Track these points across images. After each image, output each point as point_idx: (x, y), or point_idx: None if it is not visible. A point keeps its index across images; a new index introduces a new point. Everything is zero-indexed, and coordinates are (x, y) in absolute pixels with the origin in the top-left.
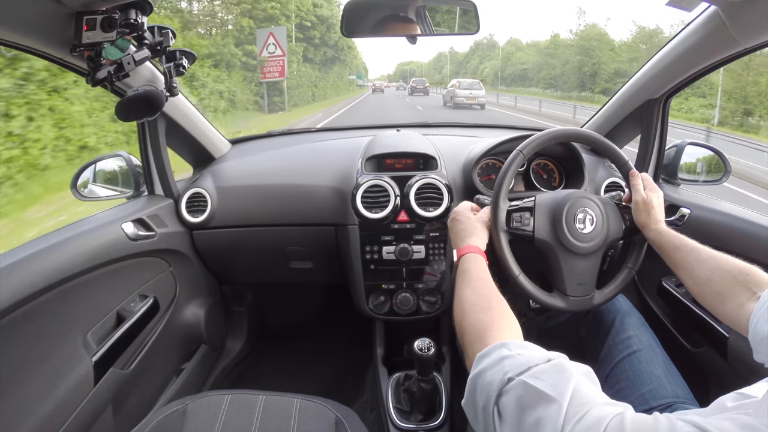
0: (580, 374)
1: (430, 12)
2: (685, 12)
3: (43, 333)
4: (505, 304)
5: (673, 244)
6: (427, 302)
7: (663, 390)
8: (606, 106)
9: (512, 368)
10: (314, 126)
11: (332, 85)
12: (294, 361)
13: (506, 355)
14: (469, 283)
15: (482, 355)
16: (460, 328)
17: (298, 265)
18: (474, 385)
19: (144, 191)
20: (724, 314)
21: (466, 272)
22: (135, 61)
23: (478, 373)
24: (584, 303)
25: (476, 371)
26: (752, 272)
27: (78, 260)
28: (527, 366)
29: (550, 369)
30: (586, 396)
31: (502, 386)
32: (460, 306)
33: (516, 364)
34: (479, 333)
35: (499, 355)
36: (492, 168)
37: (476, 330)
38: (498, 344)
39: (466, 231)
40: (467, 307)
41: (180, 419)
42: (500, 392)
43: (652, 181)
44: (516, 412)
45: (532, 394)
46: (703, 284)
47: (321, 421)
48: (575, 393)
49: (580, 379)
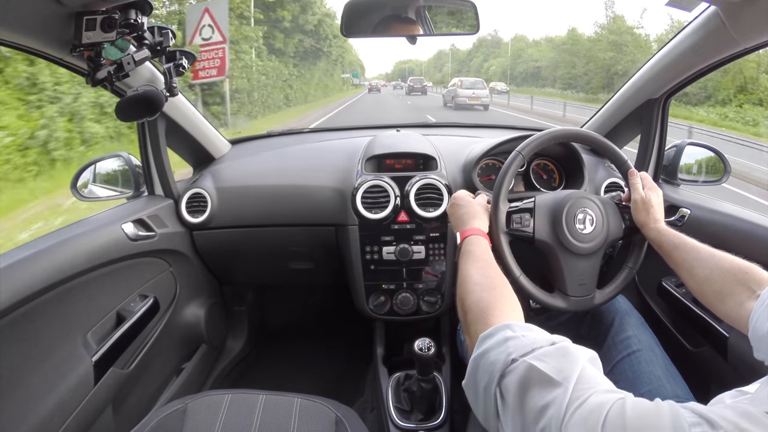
0: (584, 359)
1: (430, 12)
2: (685, 12)
3: (43, 333)
4: (508, 284)
5: (672, 243)
6: (427, 302)
7: (663, 390)
8: (606, 106)
9: (516, 349)
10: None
11: (317, 85)
12: (294, 361)
13: (510, 336)
14: (473, 262)
15: (486, 336)
16: (462, 306)
17: (298, 265)
18: (476, 365)
19: (144, 191)
20: (724, 313)
21: (469, 253)
22: (135, 61)
23: (481, 354)
24: (585, 303)
25: (479, 351)
26: (752, 270)
27: (78, 260)
28: (531, 348)
29: (555, 352)
30: (590, 381)
31: (505, 367)
32: (464, 285)
33: (520, 345)
34: (482, 312)
35: (503, 336)
36: (492, 168)
37: (479, 309)
38: (502, 325)
39: (468, 214)
40: (471, 285)
41: (180, 419)
42: (503, 373)
43: (652, 180)
44: (519, 394)
45: (537, 376)
46: (702, 283)
47: (321, 420)
48: (580, 378)
49: (585, 364)
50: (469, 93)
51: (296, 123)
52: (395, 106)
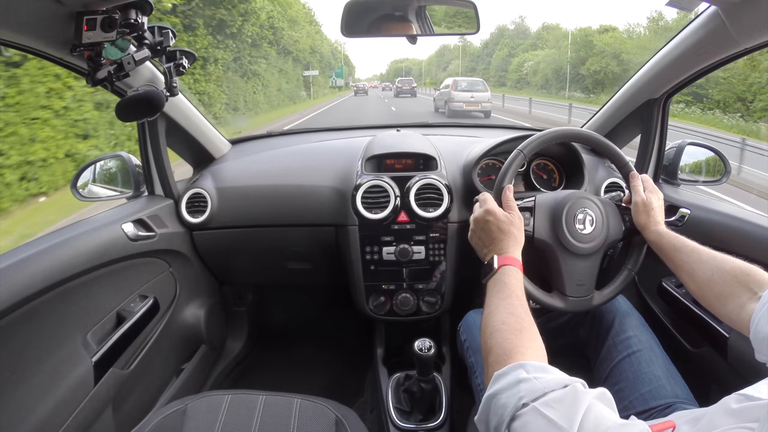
0: (592, 398)
1: (430, 12)
2: (685, 12)
3: (43, 333)
4: (535, 327)
5: (673, 246)
6: (428, 303)
7: (663, 390)
8: (606, 106)
9: (528, 393)
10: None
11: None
12: (294, 361)
13: (523, 378)
14: (505, 297)
15: (500, 375)
16: (486, 345)
17: (298, 265)
18: (488, 404)
19: (144, 191)
20: (725, 315)
21: (503, 285)
22: (135, 61)
23: (493, 393)
24: (583, 304)
25: (492, 391)
26: (753, 272)
27: (78, 260)
28: (543, 392)
29: (565, 396)
30: (596, 421)
31: (515, 411)
32: (491, 321)
33: (531, 389)
34: (505, 354)
35: (516, 378)
36: (492, 168)
37: (503, 351)
38: (516, 365)
39: (509, 238)
40: (498, 324)
41: (180, 419)
42: (513, 416)
43: (653, 183)
44: None
45: (544, 424)
46: (703, 285)
47: (321, 421)
48: (584, 421)
49: (592, 403)
50: (465, 97)
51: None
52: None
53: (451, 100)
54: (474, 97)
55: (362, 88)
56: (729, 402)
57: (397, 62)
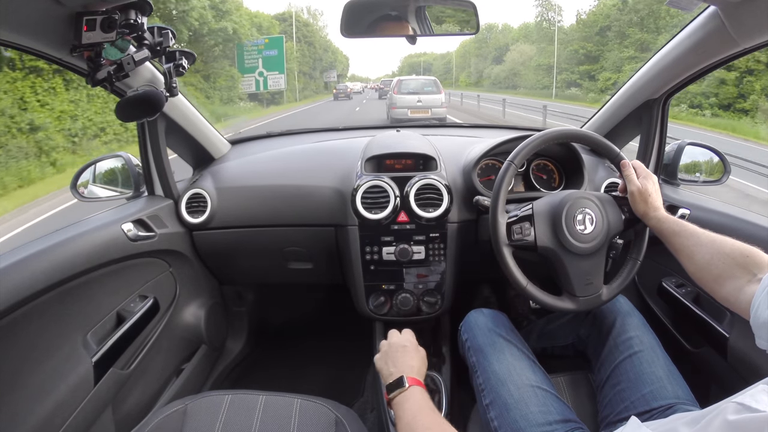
0: None
1: (430, 12)
2: (684, 12)
3: (43, 333)
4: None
5: (672, 230)
6: (427, 303)
7: (664, 391)
8: (606, 107)
9: None
10: None
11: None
12: (294, 362)
13: None
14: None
15: None
16: None
17: (297, 265)
18: None
19: (144, 192)
20: (723, 297)
21: (416, 401)
22: (135, 62)
23: None
24: (594, 301)
25: None
26: (752, 254)
27: (78, 260)
28: None
29: None
30: None
31: None
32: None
33: None
34: None
35: None
36: (492, 168)
37: None
38: None
39: (407, 359)
40: None
41: (180, 419)
42: None
43: (644, 167)
44: None
45: None
46: (702, 268)
47: (321, 421)
48: None
49: None
50: (411, 101)
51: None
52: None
53: (393, 105)
54: (422, 101)
55: (343, 89)
56: (726, 412)
57: (411, 57)
